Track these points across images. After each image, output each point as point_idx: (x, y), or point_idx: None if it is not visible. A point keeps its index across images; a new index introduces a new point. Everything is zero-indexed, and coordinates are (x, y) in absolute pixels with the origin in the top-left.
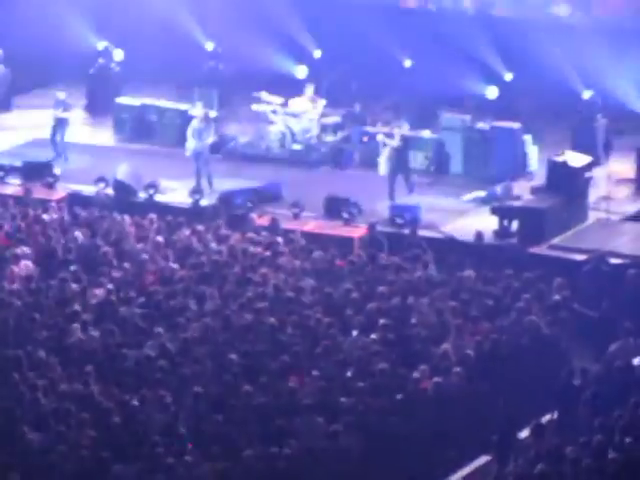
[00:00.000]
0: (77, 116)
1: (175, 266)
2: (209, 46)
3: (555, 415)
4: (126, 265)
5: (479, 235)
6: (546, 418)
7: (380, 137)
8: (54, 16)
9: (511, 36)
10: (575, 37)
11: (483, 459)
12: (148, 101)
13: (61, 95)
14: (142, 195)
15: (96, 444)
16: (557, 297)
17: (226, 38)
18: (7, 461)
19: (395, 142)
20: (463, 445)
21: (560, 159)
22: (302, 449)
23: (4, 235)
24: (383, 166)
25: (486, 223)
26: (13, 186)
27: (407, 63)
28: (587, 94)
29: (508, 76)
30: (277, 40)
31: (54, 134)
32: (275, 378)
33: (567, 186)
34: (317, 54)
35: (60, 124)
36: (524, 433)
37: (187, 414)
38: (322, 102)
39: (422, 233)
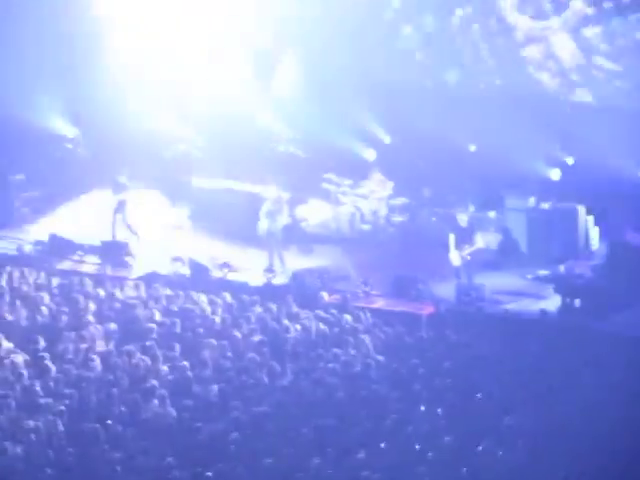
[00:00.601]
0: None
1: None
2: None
3: None
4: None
5: (543, 312)
6: None
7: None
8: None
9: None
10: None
11: None
12: (225, 185)
13: (121, 178)
14: (217, 273)
15: None
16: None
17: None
18: None
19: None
20: None
21: (623, 239)
22: None
23: None
24: (455, 251)
25: (555, 301)
26: (92, 265)
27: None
28: None
29: (570, 160)
30: (347, 124)
31: (116, 214)
32: (344, 451)
33: (627, 263)
34: (386, 139)
35: (121, 205)
36: None
37: None
38: (390, 184)
39: (487, 310)
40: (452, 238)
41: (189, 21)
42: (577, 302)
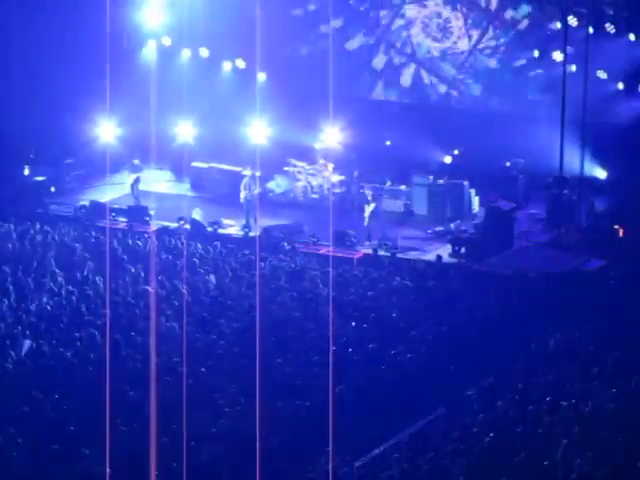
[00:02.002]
0: (166, 175)
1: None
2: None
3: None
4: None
5: (439, 257)
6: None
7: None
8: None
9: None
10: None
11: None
12: (215, 165)
13: (136, 161)
14: (210, 229)
15: None
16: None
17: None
18: None
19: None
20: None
21: (494, 205)
22: None
23: None
24: (367, 210)
25: (446, 249)
26: (121, 223)
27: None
28: (513, 161)
29: (457, 151)
30: (304, 124)
31: (133, 187)
32: (301, 353)
33: (500, 223)
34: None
35: (136, 181)
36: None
37: None
38: (331, 166)
39: (399, 256)
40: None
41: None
42: (462, 250)
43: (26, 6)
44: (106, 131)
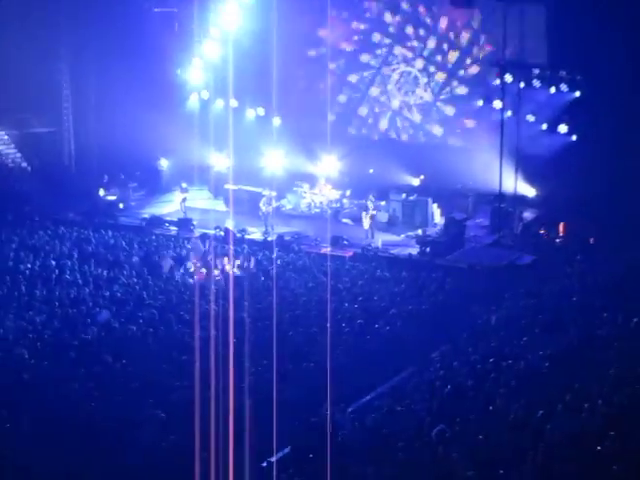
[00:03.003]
0: (206, 195)
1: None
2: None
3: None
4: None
5: (410, 255)
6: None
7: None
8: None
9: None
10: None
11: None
12: (242, 187)
13: (183, 184)
14: (238, 235)
15: None
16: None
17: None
18: None
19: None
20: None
21: (451, 215)
22: None
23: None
24: (365, 221)
25: (414, 249)
26: (173, 231)
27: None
28: (465, 183)
29: (422, 176)
30: (307, 156)
31: (181, 204)
32: (307, 327)
33: (455, 229)
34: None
35: (184, 200)
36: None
37: None
38: (329, 187)
39: (380, 254)
40: (363, 215)
41: None
42: (428, 249)
43: (104, 60)
44: (161, 161)
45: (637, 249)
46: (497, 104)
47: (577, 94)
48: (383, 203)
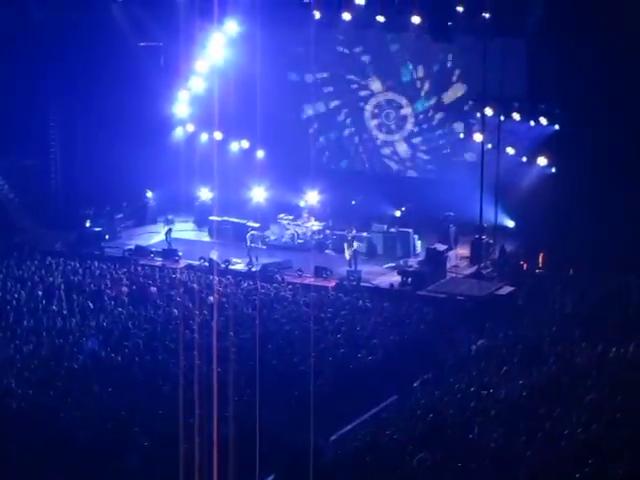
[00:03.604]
0: (190, 226)
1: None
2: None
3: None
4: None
5: (391, 285)
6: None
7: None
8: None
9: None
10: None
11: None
12: (226, 218)
13: (169, 216)
14: (223, 265)
15: None
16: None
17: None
18: None
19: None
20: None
21: (432, 247)
22: None
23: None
24: (347, 252)
25: (396, 279)
26: (158, 261)
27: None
28: (446, 214)
29: (403, 208)
30: (291, 188)
31: (167, 235)
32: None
33: (436, 260)
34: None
35: (169, 231)
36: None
37: None
38: (312, 219)
39: (363, 284)
40: (345, 246)
41: None
42: (409, 279)
43: (90, 94)
44: (148, 193)
45: (615, 279)
46: (477, 137)
47: (556, 127)
48: (364, 234)
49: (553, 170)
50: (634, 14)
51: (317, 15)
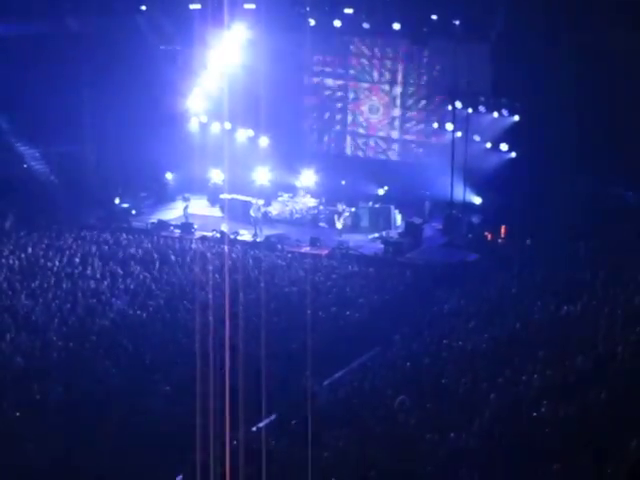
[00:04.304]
0: (204, 204)
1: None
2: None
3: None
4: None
5: (375, 253)
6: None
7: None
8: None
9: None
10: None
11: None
12: (235, 196)
13: (186, 195)
14: (232, 236)
15: None
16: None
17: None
18: None
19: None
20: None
21: (410, 220)
22: None
23: None
24: (337, 223)
25: (380, 248)
26: (176, 233)
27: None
28: (422, 192)
29: (386, 187)
30: (290, 170)
31: (184, 211)
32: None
33: (413, 232)
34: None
35: (186, 207)
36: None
37: None
38: (308, 196)
39: (351, 252)
40: (335, 218)
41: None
42: (390, 248)
43: (118, 90)
44: (167, 175)
45: (565, 248)
46: (449, 126)
47: (516, 118)
48: (352, 209)
49: (513, 155)
50: (584, 20)
51: (312, 22)
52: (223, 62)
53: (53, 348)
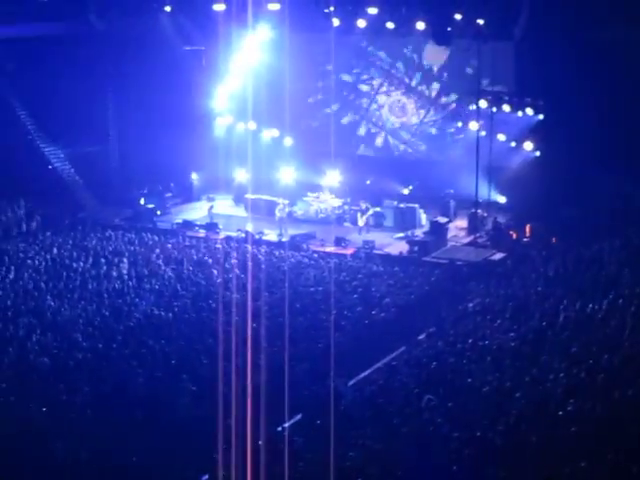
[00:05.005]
0: (228, 203)
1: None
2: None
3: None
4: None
5: (401, 252)
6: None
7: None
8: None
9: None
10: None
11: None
12: (260, 196)
13: (211, 195)
14: (257, 236)
15: None
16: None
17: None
18: None
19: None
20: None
21: (435, 219)
22: None
23: None
24: (360, 222)
25: (405, 247)
26: (201, 233)
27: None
28: (447, 191)
29: (411, 186)
30: (315, 171)
31: (209, 211)
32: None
33: (439, 231)
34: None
35: (211, 207)
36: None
37: None
38: (333, 196)
39: (376, 252)
40: (358, 216)
41: None
42: (415, 248)
43: (143, 91)
44: (192, 175)
45: (590, 247)
46: (473, 125)
47: (540, 117)
48: (377, 209)
49: (537, 153)
50: (605, 19)
51: (336, 22)
52: (247, 62)
53: (79, 348)
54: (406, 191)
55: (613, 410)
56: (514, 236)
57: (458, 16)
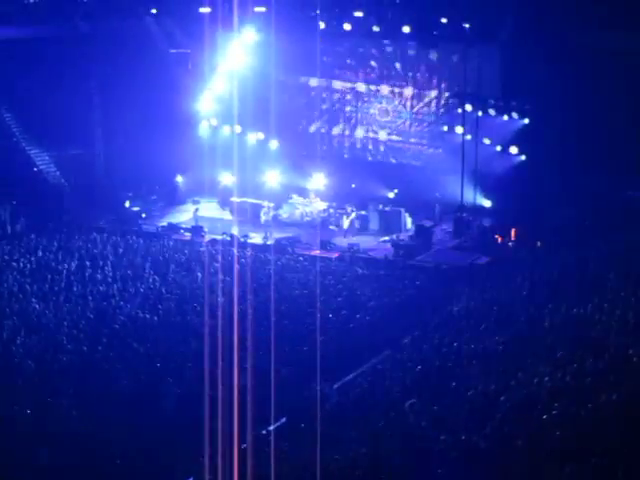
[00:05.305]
0: (213, 206)
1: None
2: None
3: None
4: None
5: (386, 256)
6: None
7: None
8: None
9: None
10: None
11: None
12: (245, 199)
13: (197, 198)
14: (242, 239)
15: None
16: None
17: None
18: None
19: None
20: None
21: (420, 223)
22: None
23: None
24: (345, 222)
25: (390, 251)
26: (186, 236)
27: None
28: (432, 195)
29: (396, 190)
30: (301, 174)
31: (194, 214)
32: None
33: (424, 234)
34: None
35: (196, 210)
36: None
37: None
38: (318, 199)
39: (361, 255)
40: (344, 218)
41: None
42: (401, 251)
43: (129, 94)
44: (178, 178)
45: (575, 251)
46: (459, 129)
47: (526, 121)
48: (363, 212)
49: (523, 158)
50: (590, 24)
51: (322, 25)
52: (233, 65)
53: (64, 351)
54: (391, 195)
55: (598, 414)
56: (499, 240)
57: (444, 20)
